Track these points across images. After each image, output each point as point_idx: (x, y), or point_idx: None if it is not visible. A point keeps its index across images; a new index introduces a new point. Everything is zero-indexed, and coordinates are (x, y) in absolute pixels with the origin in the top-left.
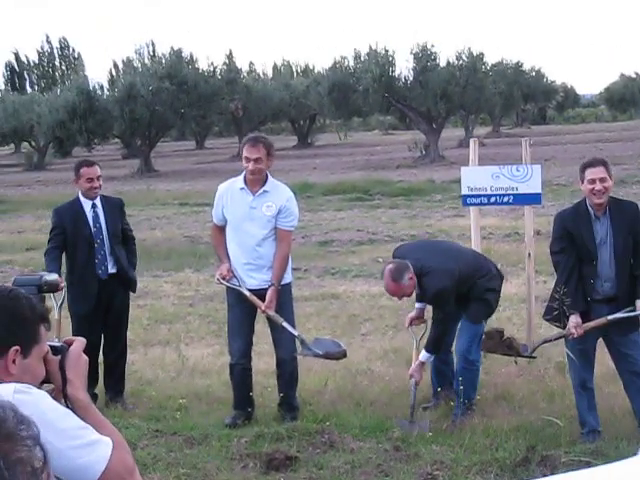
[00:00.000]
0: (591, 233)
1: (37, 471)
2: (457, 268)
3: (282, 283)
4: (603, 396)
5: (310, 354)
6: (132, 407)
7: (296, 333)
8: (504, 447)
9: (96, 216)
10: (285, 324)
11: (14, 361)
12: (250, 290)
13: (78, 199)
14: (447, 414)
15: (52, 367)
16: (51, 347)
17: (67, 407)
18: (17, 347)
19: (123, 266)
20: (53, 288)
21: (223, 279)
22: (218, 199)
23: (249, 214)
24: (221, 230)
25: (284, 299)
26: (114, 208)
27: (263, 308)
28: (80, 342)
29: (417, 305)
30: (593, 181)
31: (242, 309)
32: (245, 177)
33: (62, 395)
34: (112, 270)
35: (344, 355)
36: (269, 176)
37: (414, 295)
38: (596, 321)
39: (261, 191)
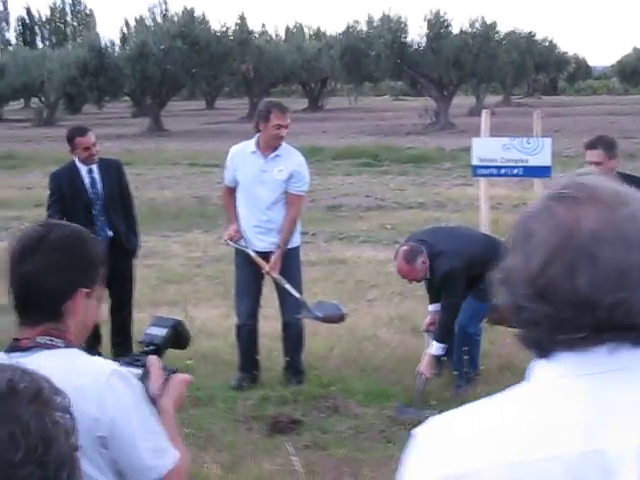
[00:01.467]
0: None
1: (70, 435)
2: (468, 252)
3: (290, 247)
4: None
5: (310, 316)
6: None
7: (298, 295)
8: None
9: (93, 181)
10: (288, 286)
11: (80, 302)
12: (258, 252)
13: (74, 163)
14: (451, 383)
15: (158, 377)
16: (164, 367)
17: None
18: (85, 289)
19: (119, 231)
20: None
21: (230, 240)
22: (230, 161)
23: (260, 177)
24: (232, 192)
25: (291, 262)
26: (111, 170)
27: (267, 269)
28: (188, 378)
29: (431, 308)
30: (590, 163)
31: (250, 270)
32: (258, 140)
33: (154, 400)
34: (111, 234)
35: (342, 319)
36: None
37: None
38: None
39: (273, 155)
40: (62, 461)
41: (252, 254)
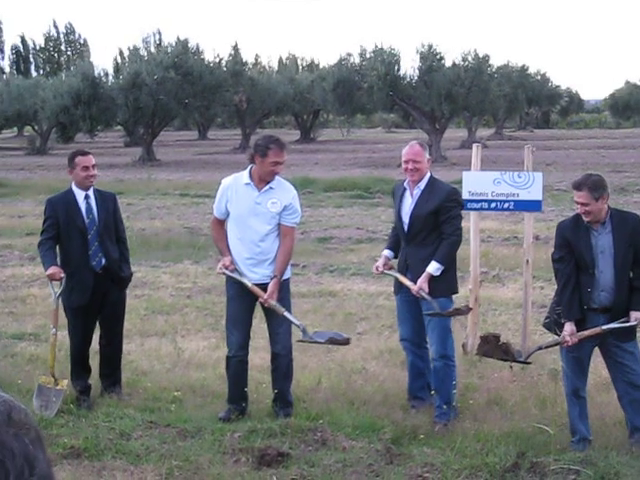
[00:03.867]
0: (588, 243)
1: (45, 450)
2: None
3: (282, 278)
4: (595, 405)
5: (312, 341)
6: (127, 397)
7: (298, 322)
8: (494, 452)
9: (89, 207)
10: (287, 314)
11: None
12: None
13: (71, 190)
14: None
15: None
16: None
17: None
18: None
19: (113, 259)
20: None
21: (226, 269)
22: (222, 193)
23: (254, 209)
24: (222, 224)
25: (282, 294)
26: (107, 201)
27: (265, 297)
28: None
29: (385, 253)
30: (577, 203)
31: (241, 302)
32: (251, 173)
33: None
34: (104, 263)
35: (348, 342)
36: None
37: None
38: (590, 330)
39: (267, 187)
40: (45, 478)
41: (249, 284)
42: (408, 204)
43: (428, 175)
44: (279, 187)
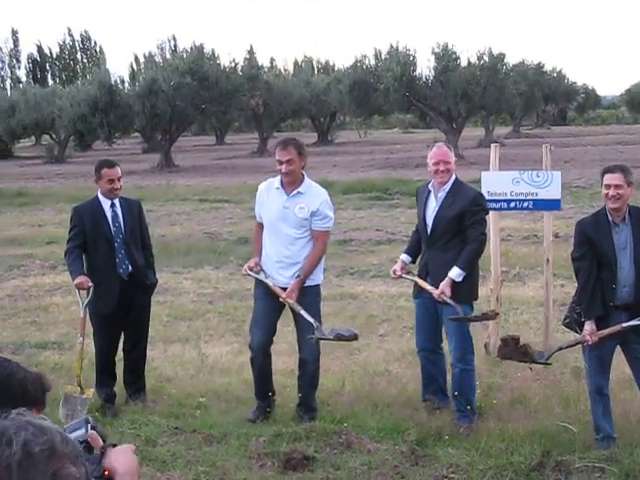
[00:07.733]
0: (610, 240)
1: None
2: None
3: (312, 284)
4: (618, 402)
5: (320, 338)
6: (152, 404)
7: (312, 320)
8: (519, 451)
9: (115, 215)
10: (303, 312)
11: None
12: (279, 287)
13: (97, 198)
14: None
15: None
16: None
17: None
18: None
19: (139, 266)
20: None
21: (250, 270)
22: (258, 198)
23: (282, 214)
24: (261, 227)
25: (312, 299)
26: (132, 209)
27: (284, 296)
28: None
29: (403, 257)
30: (608, 186)
31: (266, 303)
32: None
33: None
34: (130, 270)
35: (355, 338)
36: (305, 177)
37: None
38: (610, 328)
39: (295, 192)
40: None
41: (270, 283)
42: (432, 207)
43: (453, 177)
44: (309, 192)
